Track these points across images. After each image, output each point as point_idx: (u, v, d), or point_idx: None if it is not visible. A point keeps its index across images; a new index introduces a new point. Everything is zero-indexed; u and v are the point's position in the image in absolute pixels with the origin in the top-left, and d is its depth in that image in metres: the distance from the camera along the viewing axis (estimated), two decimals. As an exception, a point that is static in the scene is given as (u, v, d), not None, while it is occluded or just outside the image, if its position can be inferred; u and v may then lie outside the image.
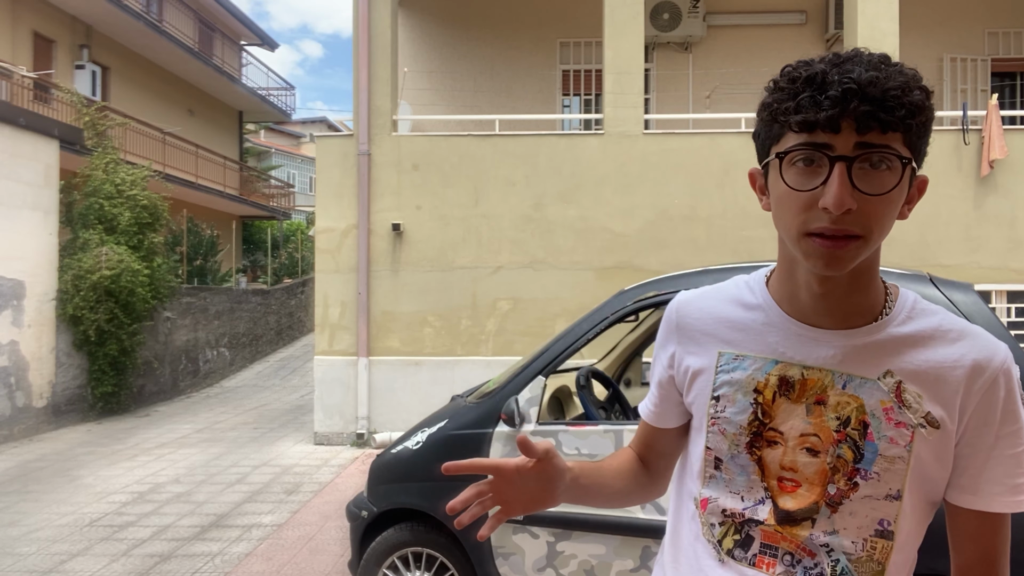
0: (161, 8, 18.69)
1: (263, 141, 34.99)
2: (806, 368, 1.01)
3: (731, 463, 1.06)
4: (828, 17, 10.63)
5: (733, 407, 1.05)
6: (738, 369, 1.05)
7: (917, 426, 0.97)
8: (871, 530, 0.99)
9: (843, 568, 1.00)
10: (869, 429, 0.98)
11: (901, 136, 0.89)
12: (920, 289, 2.94)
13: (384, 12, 8.74)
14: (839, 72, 0.88)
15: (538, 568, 3.21)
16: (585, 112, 11.14)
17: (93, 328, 10.16)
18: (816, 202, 0.89)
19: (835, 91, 0.87)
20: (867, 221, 0.89)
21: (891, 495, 0.98)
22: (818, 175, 0.89)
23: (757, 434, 1.03)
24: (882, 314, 1.01)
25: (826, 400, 1.00)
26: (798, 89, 0.90)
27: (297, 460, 7.89)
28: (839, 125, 0.87)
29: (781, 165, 0.93)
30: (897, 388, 0.98)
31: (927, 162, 0.97)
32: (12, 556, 5.02)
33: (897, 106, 0.87)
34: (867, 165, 0.88)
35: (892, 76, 0.88)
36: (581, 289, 8.30)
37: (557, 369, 3.44)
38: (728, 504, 1.06)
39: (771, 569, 1.02)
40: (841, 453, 0.99)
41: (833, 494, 0.99)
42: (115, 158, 11.50)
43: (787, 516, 1.02)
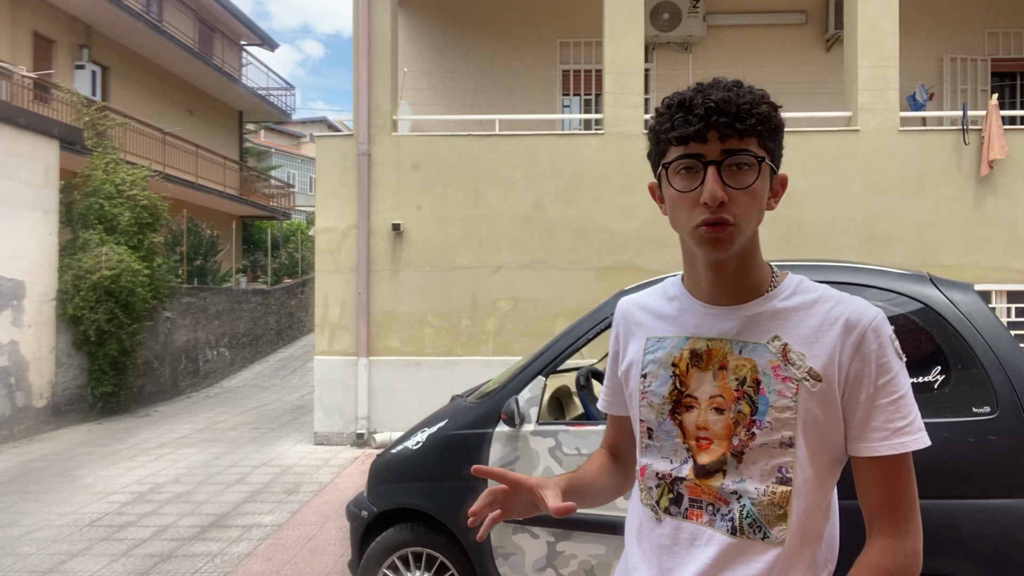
0: (161, 8, 18.69)
1: (263, 141, 34.99)
2: (710, 340, 1.21)
3: (659, 430, 1.24)
4: (828, 17, 10.63)
5: (657, 381, 1.24)
6: (660, 349, 1.26)
7: (801, 380, 1.13)
8: (772, 477, 1.14)
9: (748, 511, 1.15)
10: (761, 385, 1.15)
11: (756, 140, 1.11)
12: (920, 289, 2.94)
13: (384, 12, 8.74)
14: (702, 96, 1.11)
15: (538, 568, 3.21)
16: (585, 112, 11.14)
17: (93, 328, 10.16)
18: (698, 200, 1.11)
19: (700, 110, 1.09)
20: (737, 210, 1.11)
21: (784, 442, 1.13)
22: (696, 178, 1.11)
23: (677, 402, 1.22)
24: (768, 291, 1.20)
25: (727, 365, 1.18)
26: (672, 113, 1.13)
27: (297, 460, 7.89)
28: (706, 136, 1.10)
29: (668, 175, 1.15)
30: (783, 349, 1.15)
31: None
32: (12, 556, 5.02)
33: (748, 116, 1.09)
34: (733, 167, 1.10)
35: (742, 95, 1.11)
36: (581, 289, 8.30)
37: (557, 369, 3.44)
38: (660, 467, 1.24)
39: (699, 519, 1.19)
40: (741, 408, 1.16)
41: (736, 445, 1.16)
42: (115, 158, 11.50)
43: (703, 470, 1.19)
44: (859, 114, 8.27)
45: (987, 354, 2.76)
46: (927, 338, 2.88)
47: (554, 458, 3.20)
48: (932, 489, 2.72)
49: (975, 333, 2.80)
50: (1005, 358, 2.75)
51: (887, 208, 8.19)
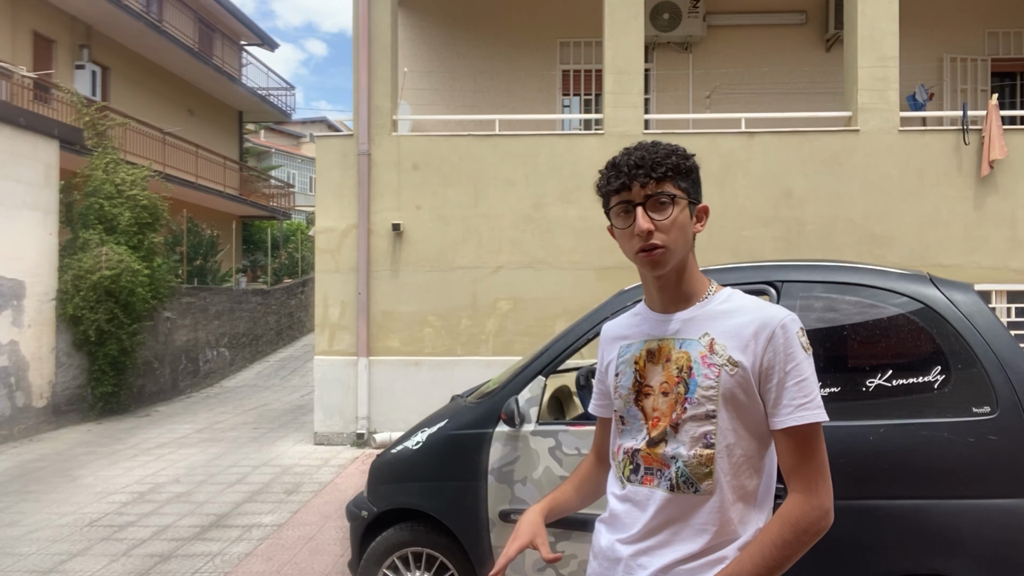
0: (161, 8, 18.69)
1: (263, 141, 34.99)
2: (660, 340, 1.54)
3: (628, 415, 1.55)
4: (828, 17, 10.62)
5: (624, 377, 1.57)
6: (627, 352, 1.59)
7: (722, 366, 1.44)
8: (700, 443, 1.44)
9: (681, 471, 1.45)
10: (693, 371, 1.46)
11: (670, 183, 1.46)
12: (920, 289, 2.94)
13: (384, 12, 8.74)
14: (626, 158, 1.49)
15: (538, 568, 3.21)
16: (585, 112, 11.14)
17: (93, 328, 10.16)
18: (633, 233, 1.46)
19: (624, 168, 1.48)
20: (665, 236, 1.45)
21: (709, 415, 1.44)
22: (630, 218, 1.47)
23: (639, 391, 1.54)
24: (704, 299, 1.53)
25: (671, 357, 1.50)
26: (607, 172, 1.52)
27: (297, 460, 7.89)
28: (630, 186, 1.47)
29: (612, 216, 1.52)
30: (710, 343, 1.47)
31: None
32: (12, 556, 5.02)
33: (659, 166, 1.46)
34: (657, 204, 1.45)
35: (656, 151, 1.47)
36: (581, 289, 8.30)
37: (557, 369, 3.44)
38: (628, 444, 1.55)
39: (651, 483, 1.49)
40: (679, 390, 1.47)
41: (674, 418, 1.47)
42: (115, 158, 11.49)
43: (651, 441, 1.50)
44: (859, 114, 8.27)
45: (987, 354, 2.76)
46: (927, 338, 2.88)
47: (554, 458, 3.19)
48: (932, 489, 2.72)
49: (975, 333, 2.80)
50: (1005, 358, 2.75)
51: (887, 208, 8.19)
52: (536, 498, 3.20)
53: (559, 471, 3.17)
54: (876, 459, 2.75)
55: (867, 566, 2.72)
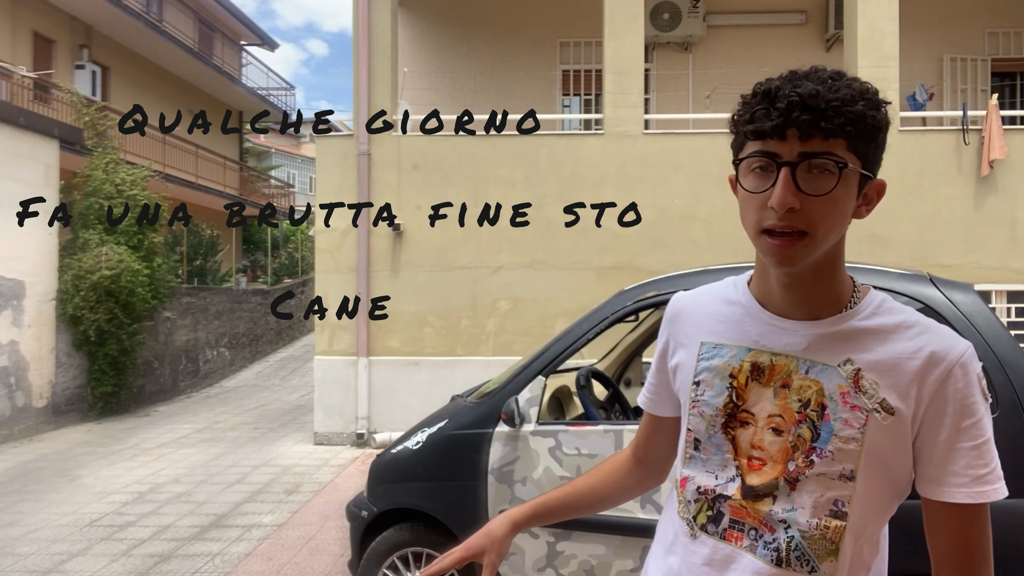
0: (161, 8, 18.69)
1: (263, 141, 34.98)
2: (774, 355, 1.11)
3: (708, 443, 1.15)
4: (828, 17, 10.62)
5: (711, 391, 1.15)
6: (716, 357, 1.16)
7: (872, 411, 1.04)
8: (826, 509, 1.06)
9: (796, 543, 1.07)
10: (826, 411, 1.06)
11: (844, 142, 0.99)
12: (920, 289, 2.94)
13: (384, 12, 8.74)
14: (790, 87, 0.99)
15: (538, 568, 3.21)
16: (585, 112, 11.14)
17: (93, 328, 10.16)
18: (767, 202, 1.01)
19: (782, 103, 0.98)
20: (812, 219, 0.99)
21: (844, 475, 1.05)
22: (769, 179, 1.01)
23: (731, 415, 1.13)
24: (847, 308, 1.10)
25: (791, 384, 1.09)
26: (755, 103, 1.03)
27: (297, 460, 7.89)
28: (785, 133, 0.99)
29: (741, 171, 1.06)
30: (855, 375, 1.05)
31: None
32: (12, 556, 5.02)
33: (836, 115, 0.97)
34: (814, 170, 0.99)
35: (837, 89, 0.99)
36: (581, 289, 8.30)
37: (557, 369, 3.44)
38: (703, 482, 1.15)
39: (739, 543, 1.11)
40: (801, 432, 1.07)
41: (792, 471, 1.07)
42: (115, 158, 11.49)
43: (751, 491, 1.10)
44: (859, 114, 8.25)
45: (987, 354, 2.75)
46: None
47: (554, 458, 3.19)
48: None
49: (975, 333, 2.80)
50: (1005, 358, 2.75)
51: (887, 208, 8.18)
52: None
53: (559, 471, 3.17)
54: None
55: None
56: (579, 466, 3.16)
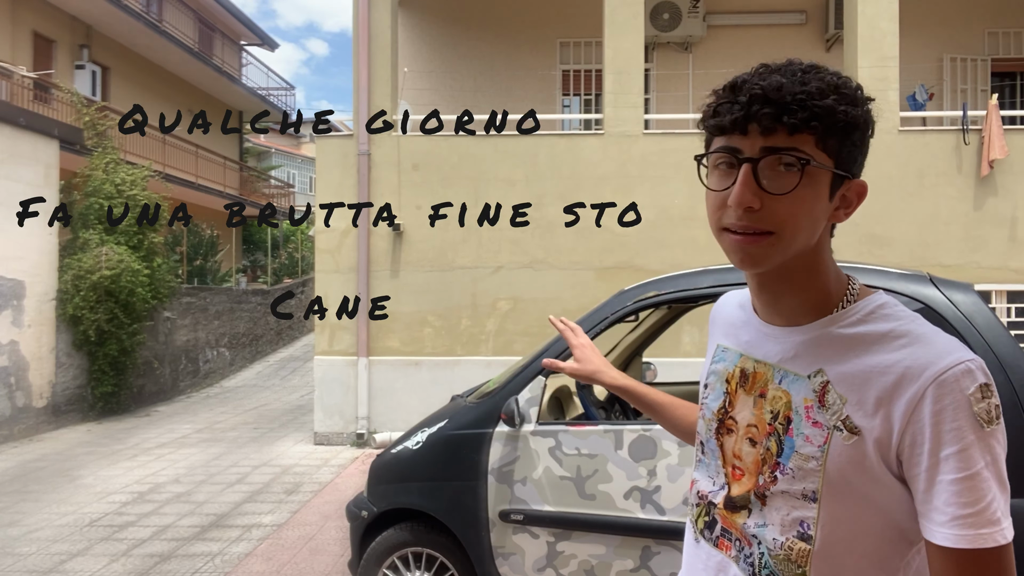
0: (161, 8, 18.69)
1: (263, 141, 34.97)
2: (756, 362, 1.06)
3: (707, 447, 1.13)
4: (828, 17, 10.63)
5: (712, 395, 1.13)
6: (722, 361, 1.14)
7: (833, 428, 0.94)
8: (793, 530, 0.98)
9: (765, 561, 1.00)
10: (791, 425, 0.99)
11: (812, 139, 0.92)
12: (920, 289, 2.94)
13: (384, 12, 8.74)
14: (757, 79, 0.93)
15: (538, 568, 3.21)
16: (585, 112, 11.14)
17: (93, 328, 10.16)
18: (725, 201, 0.95)
19: (743, 96, 0.92)
20: (776, 219, 0.93)
21: (807, 495, 0.96)
22: (731, 176, 0.95)
23: (722, 421, 1.10)
24: (833, 313, 1.00)
25: (766, 393, 1.03)
26: (719, 98, 0.97)
27: (297, 460, 7.89)
28: (746, 128, 0.93)
29: (703, 168, 1.01)
30: (823, 387, 0.97)
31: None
32: (12, 556, 5.02)
33: (800, 109, 0.90)
34: (780, 167, 0.92)
35: (806, 82, 0.91)
36: (581, 289, 8.30)
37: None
38: (703, 487, 1.13)
39: (728, 552, 1.06)
40: (769, 445, 1.01)
41: (760, 484, 1.01)
42: (115, 158, 11.50)
43: (731, 502, 1.06)
44: (859, 114, 8.25)
45: (987, 354, 2.75)
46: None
47: (554, 458, 3.19)
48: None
49: (975, 333, 2.80)
50: (1005, 358, 2.75)
51: (887, 208, 8.19)
52: (536, 498, 3.20)
53: (559, 471, 3.17)
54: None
55: None
56: (579, 466, 3.16)
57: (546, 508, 3.17)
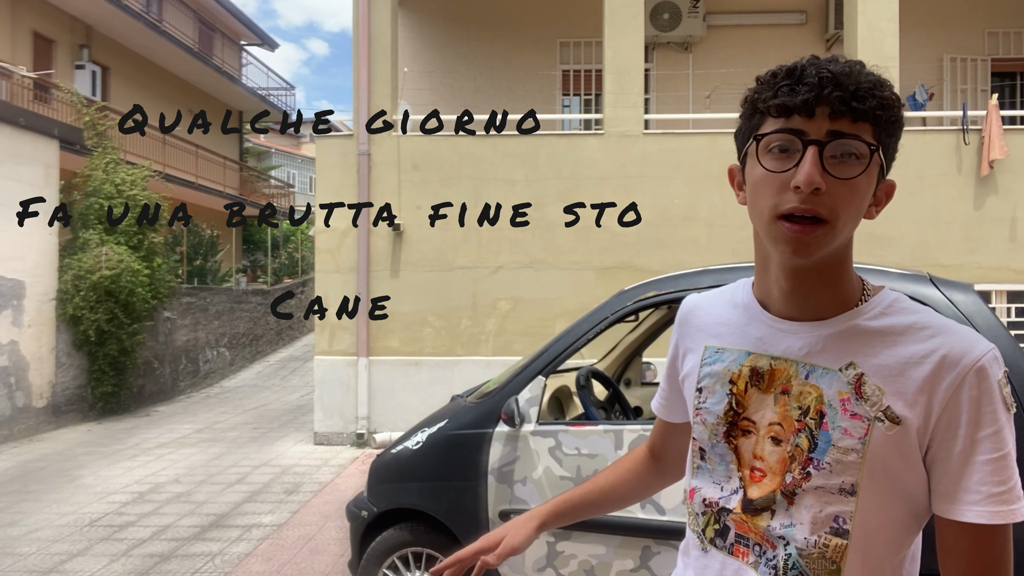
0: (161, 8, 18.69)
1: (263, 141, 34.98)
2: (774, 359, 1.04)
3: (712, 453, 1.09)
4: (828, 17, 10.63)
5: (713, 398, 1.09)
6: (718, 362, 1.10)
7: (874, 419, 0.95)
8: (826, 526, 0.97)
9: (794, 562, 0.99)
10: (825, 419, 0.98)
11: (871, 128, 0.94)
12: (920, 289, 2.94)
13: (384, 12, 8.74)
14: (816, 66, 0.94)
15: (538, 568, 3.21)
16: (585, 112, 11.14)
17: (93, 328, 10.16)
18: (788, 183, 0.93)
19: (812, 79, 0.92)
20: (834, 205, 0.93)
21: (844, 489, 0.96)
22: (792, 159, 0.94)
23: (733, 424, 1.07)
24: (855, 307, 1.02)
25: (790, 390, 1.01)
26: (778, 80, 0.96)
27: (297, 460, 7.89)
28: (813, 110, 0.92)
29: (759, 150, 0.97)
30: (857, 380, 0.97)
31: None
32: (12, 556, 5.02)
33: (868, 96, 0.92)
34: (838, 154, 0.93)
35: (865, 74, 0.94)
36: (581, 289, 8.30)
37: (557, 369, 3.44)
38: (709, 494, 1.09)
39: (745, 558, 1.04)
40: (799, 442, 0.99)
41: (788, 483, 0.99)
42: (115, 158, 11.50)
43: (750, 505, 1.03)
44: (859, 114, 8.26)
45: (987, 354, 2.75)
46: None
47: (554, 458, 3.19)
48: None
49: (975, 333, 2.79)
50: (1005, 358, 2.74)
51: (887, 208, 8.10)
52: (536, 498, 3.19)
53: (559, 471, 3.17)
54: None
55: None
56: (579, 466, 3.16)
57: (546, 508, 3.16)
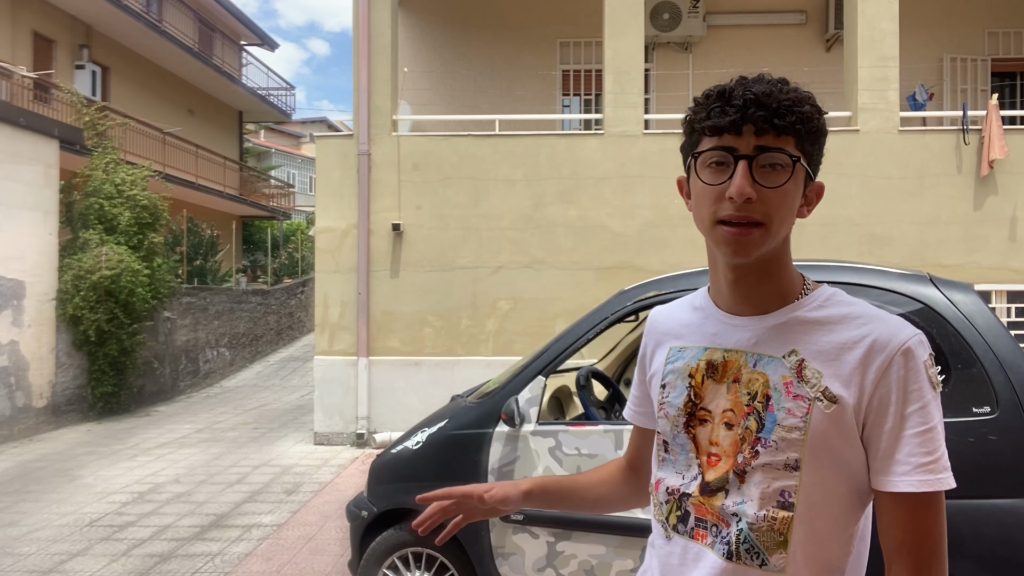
0: (161, 8, 18.69)
1: (263, 141, 34.99)
2: (726, 351, 1.15)
3: (674, 444, 1.19)
4: (828, 17, 10.63)
5: (674, 392, 1.19)
6: (680, 359, 1.21)
7: (814, 399, 1.06)
8: (773, 500, 1.07)
9: (745, 536, 1.08)
10: (771, 401, 1.08)
11: (793, 140, 1.06)
12: (920, 289, 2.94)
13: (384, 12, 8.74)
14: (742, 88, 1.07)
15: (538, 568, 3.21)
16: (585, 112, 11.14)
17: (93, 328, 10.16)
18: (724, 194, 1.05)
19: (738, 101, 1.05)
20: (766, 210, 1.05)
21: (789, 464, 1.06)
22: (726, 172, 1.06)
23: (691, 414, 1.17)
24: (795, 301, 1.13)
25: (740, 378, 1.12)
26: (710, 102, 1.08)
27: (297, 460, 7.89)
28: (741, 129, 1.05)
29: (698, 166, 1.10)
30: (799, 365, 1.08)
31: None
32: (12, 556, 5.02)
33: (788, 113, 1.04)
34: (766, 165, 1.05)
35: (786, 91, 1.06)
36: (581, 289, 8.30)
37: (557, 369, 3.44)
38: (671, 482, 1.18)
39: (704, 540, 1.13)
40: (748, 424, 1.10)
41: (739, 463, 1.09)
42: (115, 158, 11.50)
43: (707, 487, 1.13)
44: (859, 114, 8.27)
45: (987, 354, 2.76)
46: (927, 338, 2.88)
47: (554, 458, 3.20)
48: (932, 489, 2.72)
49: (975, 333, 2.80)
50: (1005, 358, 2.75)
51: (887, 208, 8.19)
52: (536, 498, 3.19)
53: (559, 471, 3.17)
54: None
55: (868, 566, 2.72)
56: (579, 466, 3.16)
57: (546, 508, 3.17)
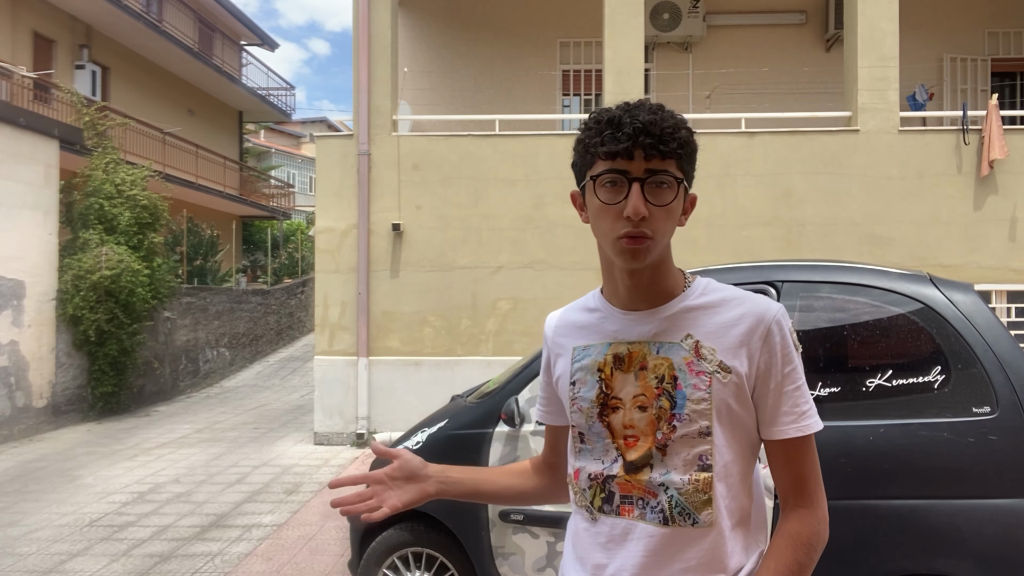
0: (161, 8, 18.69)
1: (263, 141, 34.99)
2: (630, 344, 1.30)
3: (590, 433, 1.32)
4: (828, 17, 10.62)
5: (585, 387, 1.32)
6: (586, 357, 1.34)
7: (713, 372, 1.24)
8: (694, 465, 1.24)
9: (676, 500, 1.24)
10: (678, 381, 1.25)
11: (675, 162, 1.21)
12: (920, 289, 2.94)
13: (384, 12, 8.74)
14: (630, 116, 1.19)
15: (538, 568, 3.21)
16: (585, 112, 11.13)
17: (93, 328, 10.16)
18: (621, 213, 1.19)
19: (628, 129, 1.18)
20: (655, 225, 1.20)
21: (702, 432, 1.23)
22: (620, 192, 1.20)
23: (604, 404, 1.30)
24: (681, 294, 1.30)
25: (647, 365, 1.27)
26: (602, 128, 1.21)
27: (297, 460, 7.89)
28: (632, 154, 1.18)
29: (596, 186, 1.23)
30: (695, 346, 1.26)
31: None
32: (12, 556, 5.02)
33: (671, 139, 1.19)
34: (654, 185, 1.19)
35: (666, 119, 1.20)
36: (581, 289, 8.21)
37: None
38: (592, 469, 1.31)
39: (631, 514, 1.27)
40: (661, 404, 1.25)
41: (660, 439, 1.25)
42: (115, 158, 11.49)
43: (631, 466, 1.27)
44: (859, 114, 8.27)
45: (987, 354, 2.76)
46: (927, 338, 2.88)
47: (554, 458, 3.19)
48: (932, 489, 2.72)
49: (975, 333, 2.80)
50: (1005, 358, 2.75)
51: (887, 208, 8.19)
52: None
53: (559, 471, 3.17)
54: (877, 459, 2.75)
55: (868, 566, 2.72)
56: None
57: (546, 508, 3.17)
